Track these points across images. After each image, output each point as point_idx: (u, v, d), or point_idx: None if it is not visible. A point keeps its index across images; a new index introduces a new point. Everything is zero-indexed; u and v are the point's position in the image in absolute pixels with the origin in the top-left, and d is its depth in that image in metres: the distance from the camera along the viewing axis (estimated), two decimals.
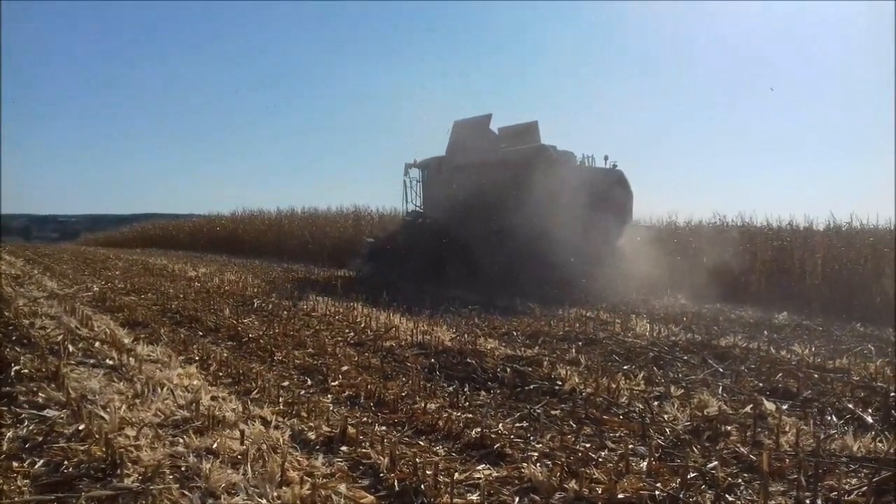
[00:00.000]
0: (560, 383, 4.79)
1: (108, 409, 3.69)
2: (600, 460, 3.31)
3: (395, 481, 2.98)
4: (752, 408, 4.13)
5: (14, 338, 5.79)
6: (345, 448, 3.42)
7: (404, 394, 4.49)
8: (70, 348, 5.37)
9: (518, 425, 3.92)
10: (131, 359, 5.09)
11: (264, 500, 2.75)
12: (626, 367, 5.42)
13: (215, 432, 3.47)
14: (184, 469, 3.01)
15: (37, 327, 6.29)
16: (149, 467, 2.98)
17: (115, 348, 5.46)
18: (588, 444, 3.57)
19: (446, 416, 3.94)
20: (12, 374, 4.50)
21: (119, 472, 2.93)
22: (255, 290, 10.53)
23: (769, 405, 4.29)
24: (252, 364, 5.35)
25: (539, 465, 3.19)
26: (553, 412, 4.20)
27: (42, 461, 3.09)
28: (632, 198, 13.08)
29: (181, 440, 3.36)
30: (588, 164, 13.18)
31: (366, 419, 3.98)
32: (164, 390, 4.21)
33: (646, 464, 3.24)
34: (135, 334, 6.39)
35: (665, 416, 4.09)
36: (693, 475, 3.10)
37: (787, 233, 12.73)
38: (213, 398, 4.18)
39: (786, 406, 4.35)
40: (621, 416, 4.11)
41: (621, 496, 2.87)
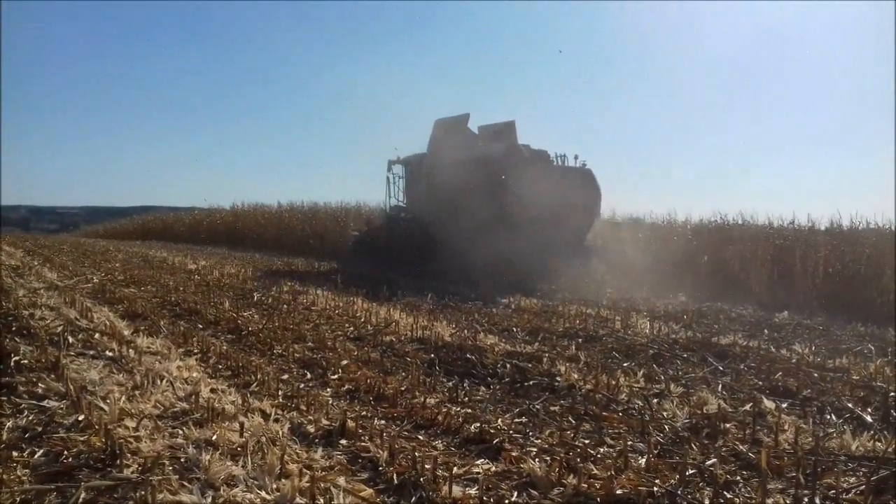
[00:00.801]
0: (559, 380, 4.79)
1: (108, 400, 3.69)
2: (599, 456, 3.31)
3: (394, 475, 2.98)
4: (752, 406, 4.13)
5: (14, 328, 5.79)
6: (344, 441, 3.42)
7: (404, 388, 4.50)
8: (70, 339, 5.37)
9: (517, 421, 3.92)
10: (131, 350, 5.10)
11: (263, 492, 2.75)
12: (625, 365, 5.42)
13: (215, 424, 3.48)
14: (183, 460, 3.01)
15: (37, 318, 6.29)
16: (148, 458, 2.99)
17: (114, 340, 5.47)
18: (587, 441, 3.57)
19: (445, 410, 3.94)
20: (12, 364, 4.51)
21: (118, 462, 2.93)
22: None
23: (768, 403, 4.29)
24: (252, 357, 5.36)
25: (538, 460, 3.19)
26: (552, 408, 4.21)
27: (42, 451, 3.09)
28: (600, 195, 13.86)
29: (181, 432, 3.36)
30: (560, 163, 13.89)
31: (365, 413, 3.98)
32: (164, 382, 4.21)
33: (644, 460, 3.25)
34: (134, 326, 6.39)
35: (664, 414, 4.09)
36: (692, 472, 3.10)
37: (788, 232, 12.73)
38: (213, 390, 4.19)
39: (785, 404, 4.35)
40: (620, 413, 4.11)
41: (620, 492, 2.87)
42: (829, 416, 4.16)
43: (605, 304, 9.24)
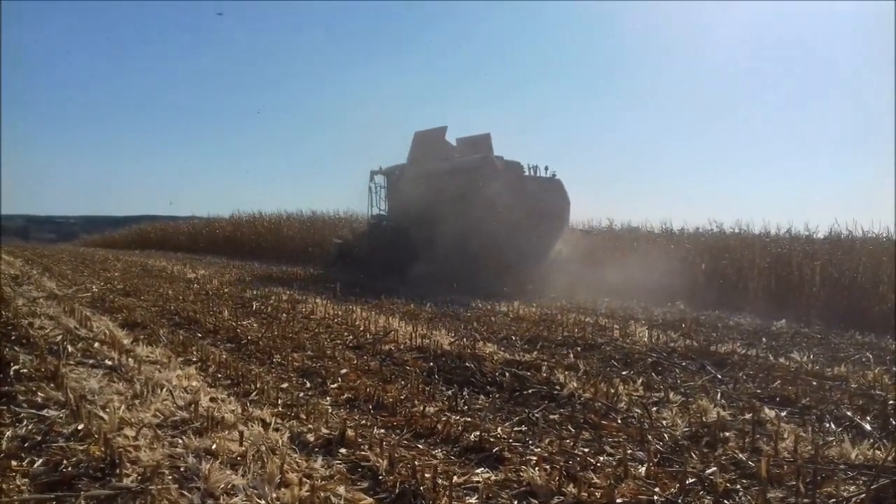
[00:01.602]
0: (559, 388, 4.79)
1: (108, 409, 3.69)
2: (599, 465, 3.31)
3: (394, 484, 2.98)
4: (751, 414, 4.13)
5: (13, 337, 5.78)
6: (343, 450, 3.42)
7: (403, 397, 4.50)
8: (69, 348, 5.36)
9: (517, 429, 3.92)
10: (130, 359, 5.09)
11: (263, 502, 2.75)
12: (624, 373, 5.42)
13: (214, 433, 3.47)
14: (183, 469, 3.00)
15: (36, 327, 6.29)
16: (148, 467, 2.98)
17: (114, 349, 5.46)
18: (587, 449, 3.57)
19: (445, 419, 3.94)
20: (11, 373, 4.50)
21: (118, 471, 2.93)
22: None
23: (768, 412, 4.29)
24: (251, 366, 5.36)
25: (538, 468, 3.19)
26: (552, 416, 4.21)
27: (41, 460, 3.08)
28: (569, 204, 14.52)
29: (180, 441, 3.36)
30: (532, 174, 14.50)
31: (364, 422, 3.98)
32: (164, 391, 4.21)
33: (644, 469, 3.25)
34: (134, 335, 6.39)
35: (664, 422, 4.10)
36: (692, 481, 3.11)
37: (785, 240, 12.75)
38: (213, 399, 4.18)
39: (784, 413, 4.36)
40: (620, 422, 4.11)
41: (620, 501, 2.87)
42: (828, 425, 4.16)
43: (604, 313, 9.25)
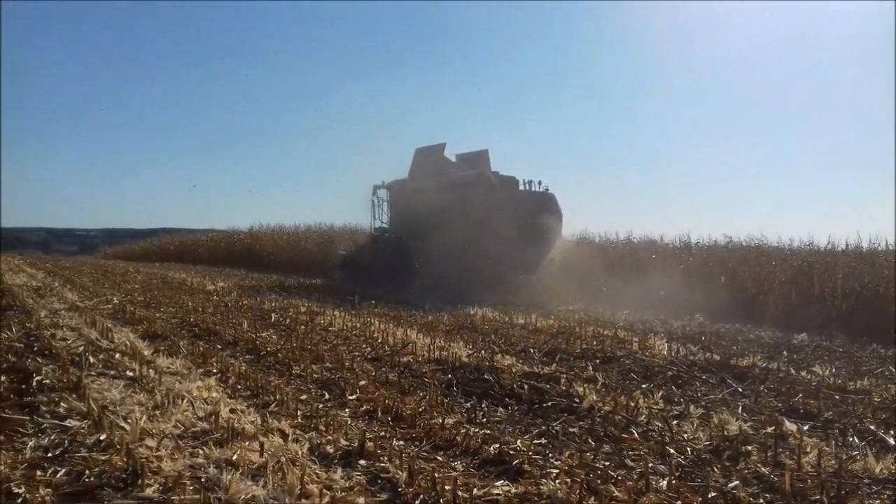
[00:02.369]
0: (578, 401, 4.77)
1: (129, 420, 3.72)
2: (620, 478, 3.29)
3: (414, 496, 2.98)
4: (773, 428, 4.09)
5: (36, 348, 5.86)
6: (363, 462, 3.42)
7: (422, 409, 4.49)
8: (91, 359, 5.42)
9: (536, 442, 3.91)
10: (151, 370, 5.14)
11: None
12: (644, 386, 5.39)
13: (235, 444, 3.49)
14: (204, 480, 3.02)
15: (58, 338, 6.37)
16: (169, 478, 3.01)
17: (135, 360, 5.51)
18: (607, 462, 3.55)
19: (464, 431, 3.93)
20: (34, 384, 4.56)
21: (140, 482, 2.95)
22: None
23: (790, 426, 4.24)
24: (270, 377, 5.38)
25: (558, 481, 3.18)
26: (571, 429, 4.19)
27: (64, 471, 3.12)
28: (561, 217, 15.16)
29: (201, 451, 3.38)
30: (527, 188, 15.14)
31: (384, 433, 3.98)
32: (184, 402, 4.24)
33: (666, 482, 3.22)
34: (154, 346, 6.44)
35: (684, 436, 4.06)
36: (714, 495, 3.08)
37: (805, 253, 12.64)
38: (232, 410, 4.20)
39: (806, 427, 4.30)
40: (640, 435, 4.08)
41: None
42: (851, 439, 4.11)
43: (622, 325, 9.21)
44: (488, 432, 4.01)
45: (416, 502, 2.94)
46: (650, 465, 3.43)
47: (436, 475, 3.12)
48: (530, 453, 3.63)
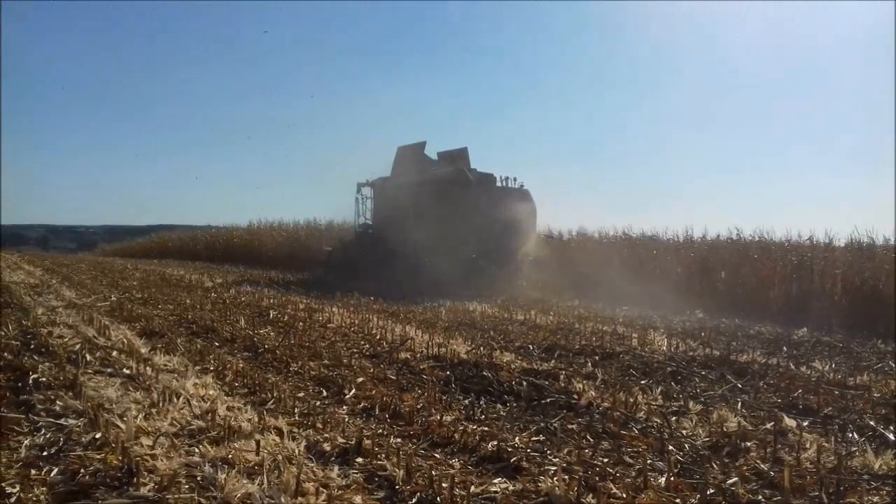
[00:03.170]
0: (577, 397, 4.75)
1: (125, 418, 3.69)
2: (618, 475, 3.27)
3: (411, 494, 2.96)
4: (773, 424, 4.07)
5: (32, 346, 5.84)
6: (360, 460, 3.40)
7: (420, 406, 4.47)
8: (87, 357, 5.40)
9: (535, 439, 3.89)
10: (148, 368, 5.12)
11: None
12: (643, 382, 5.37)
13: (231, 442, 3.47)
14: (199, 479, 3.00)
15: (55, 336, 6.34)
16: (165, 476, 2.98)
17: (132, 358, 5.49)
18: (606, 459, 3.53)
19: (462, 428, 3.91)
20: (30, 382, 4.54)
21: (135, 480, 2.93)
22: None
23: (789, 421, 4.23)
24: (268, 375, 5.36)
25: (556, 479, 3.15)
26: (570, 426, 4.17)
27: (59, 469, 3.10)
28: (535, 212, 16.06)
29: (197, 450, 3.36)
30: (504, 185, 16.05)
31: (381, 431, 3.96)
32: (181, 400, 4.22)
33: (664, 479, 3.20)
34: (152, 344, 6.41)
35: (683, 432, 4.05)
36: (712, 491, 3.06)
37: (806, 248, 12.62)
38: (229, 408, 4.18)
39: (806, 422, 4.29)
40: (639, 431, 4.06)
41: None
42: (851, 435, 4.09)
43: (622, 321, 9.19)
44: (486, 429, 3.98)
45: (414, 500, 2.92)
46: (649, 461, 3.41)
47: (433, 473, 3.11)
48: (528, 450, 3.61)
